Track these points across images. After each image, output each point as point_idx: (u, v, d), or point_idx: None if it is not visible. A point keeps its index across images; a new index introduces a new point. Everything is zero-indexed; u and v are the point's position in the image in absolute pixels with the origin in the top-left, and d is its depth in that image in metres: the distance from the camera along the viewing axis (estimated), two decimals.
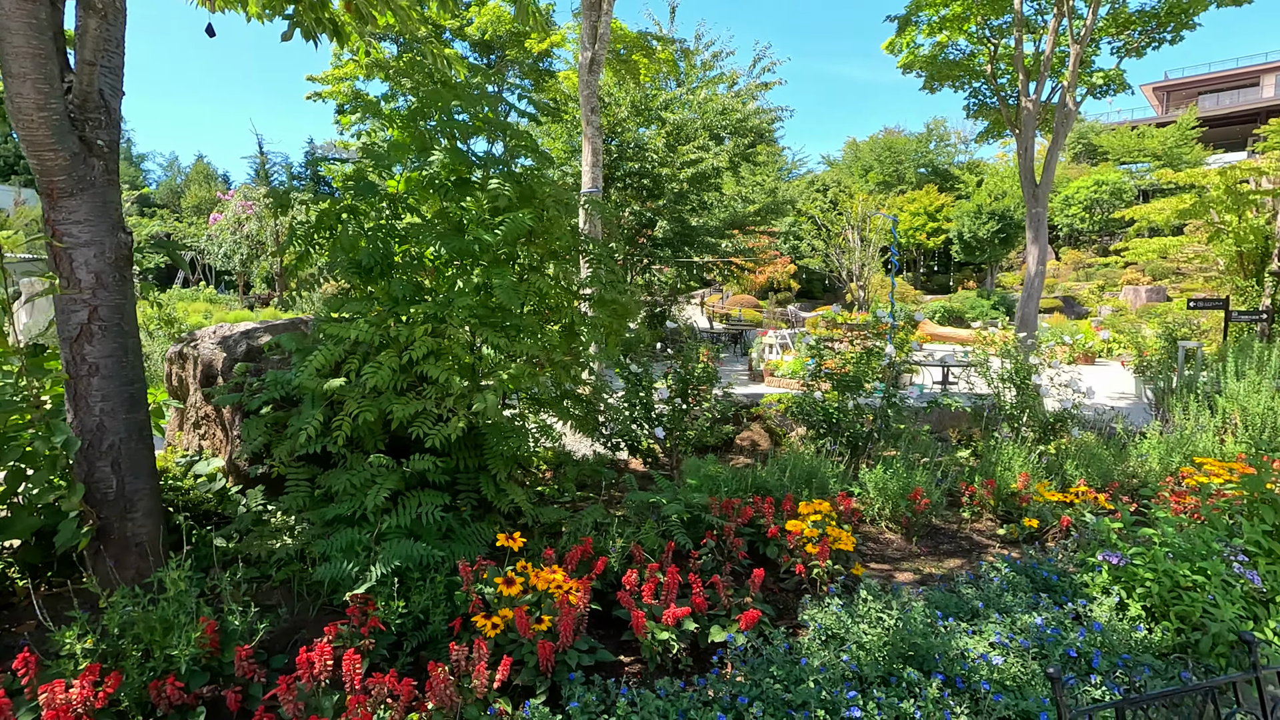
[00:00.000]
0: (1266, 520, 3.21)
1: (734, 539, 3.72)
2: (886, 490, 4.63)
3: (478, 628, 2.73)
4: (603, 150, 18.75)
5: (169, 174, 46.70)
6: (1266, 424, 5.87)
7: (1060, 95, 10.05)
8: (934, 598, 3.23)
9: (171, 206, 44.85)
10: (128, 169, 44.80)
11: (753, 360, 14.72)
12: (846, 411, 5.64)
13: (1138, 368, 13.70)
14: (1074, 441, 5.86)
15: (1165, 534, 3.15)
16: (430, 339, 3.29)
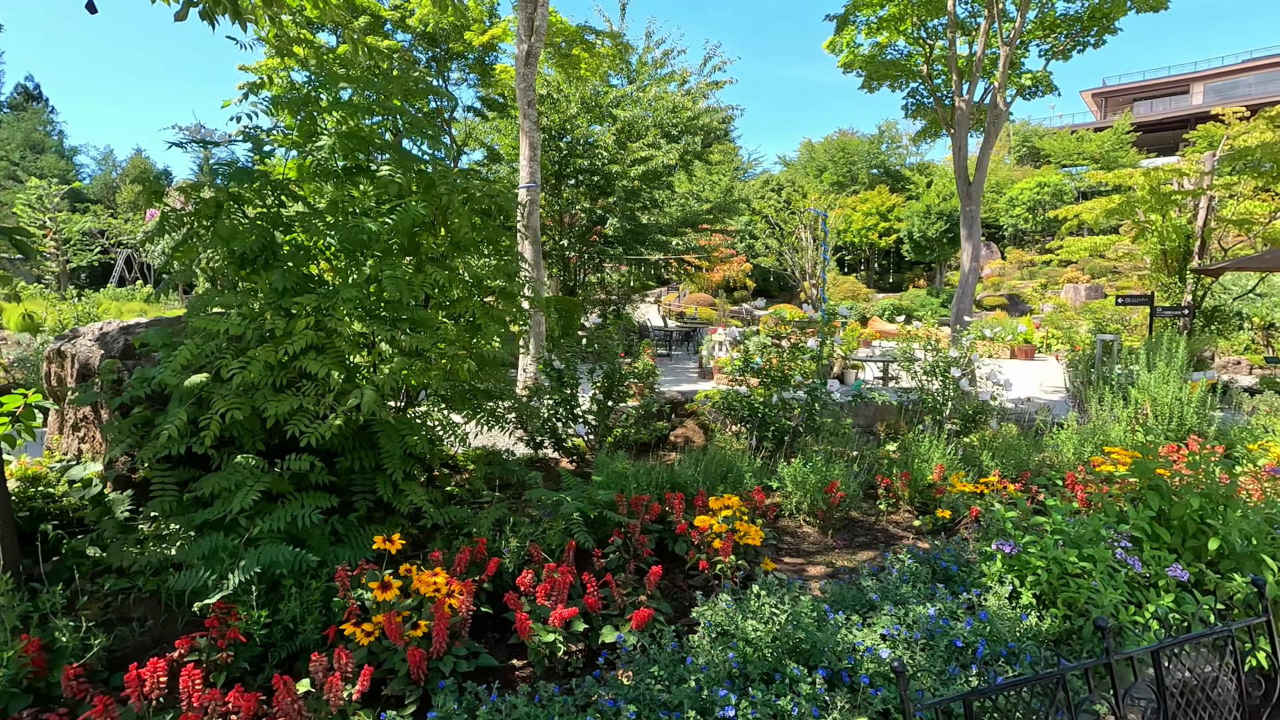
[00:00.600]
0: (1152, 506, 3.27)
1: (639, 536, 3.64)
2: (804, 484, 4.61)
3: (346, 635, 2.59)
4: (548, 146, 18.56)
5: (103, 168, 44.59)
6: (1174, 414, 6.06)
7: (991, 96, 10.28)
8: (833, 591, 3.20)
9: (106, 202, 42.85)
10: (58, 162, 42.66)
11: (702, 358, 14.72)
12: (771, 406, 5.62)
13: (1070, 362, 14.18)
14: (994, 433, 5.96)
15: (1056, 522, 3.18)
16: (312, 333, 3.12)
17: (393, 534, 3.76)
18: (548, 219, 21.07)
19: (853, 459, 5.31)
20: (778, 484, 4.77)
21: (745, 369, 5.95)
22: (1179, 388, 6.14)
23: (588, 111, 19.43)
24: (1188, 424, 6.05)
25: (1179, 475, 3.44)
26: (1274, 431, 6.20)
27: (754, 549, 3.81)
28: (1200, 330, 13.32)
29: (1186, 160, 14.04)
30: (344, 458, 3.61)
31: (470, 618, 2.80)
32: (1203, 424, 6.20)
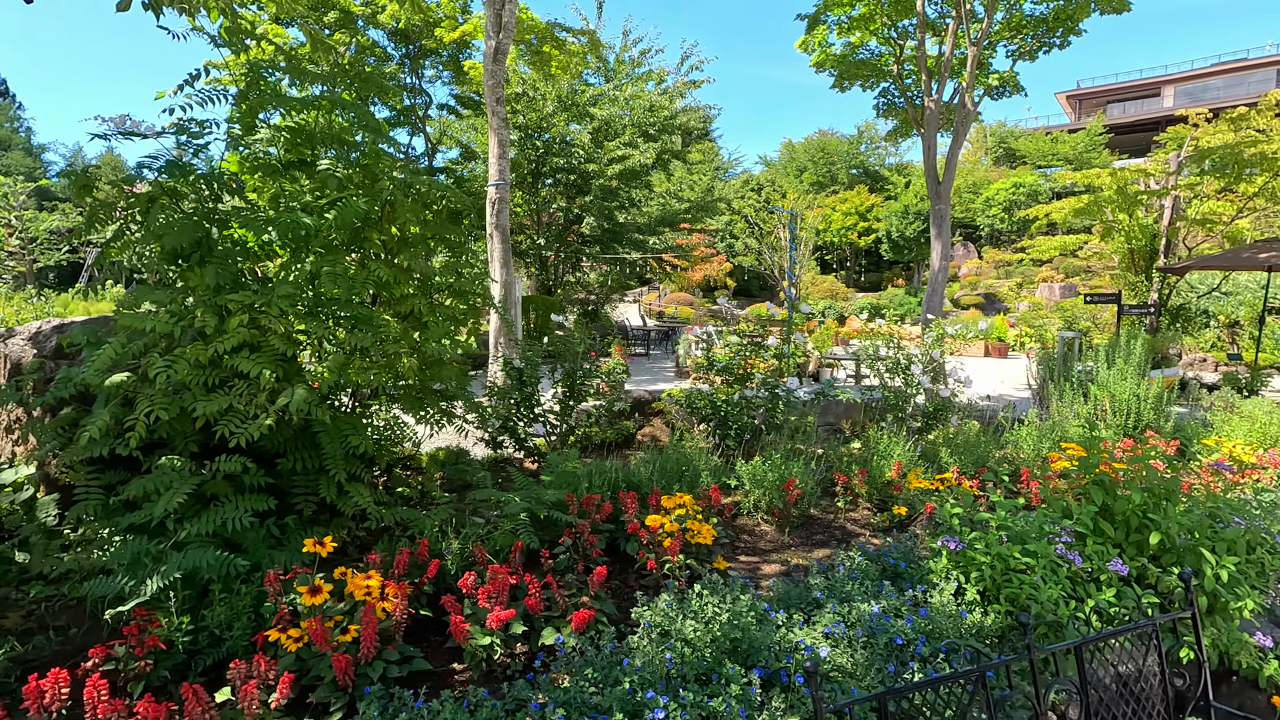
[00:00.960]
0: (1095, 501, 3.29)
1: (589, 536, 3.59)
2: (762, 482, 4.59)
3: (271, 642, 2.51)
4: (525, 144, 18.44)
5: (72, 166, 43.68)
6: (1131, 410, 6.14)
7: (960, 96, 10.36)
8: (780, 589, 3.18)
9: (75, 200, 41.99)
10: (25, 159, 41.69)
11: (679, 357, 14.70)
12: (733, 404, 5.60)
13: (1040, 359, 14.38)
14: (955, 430, 5.99)
15: (999, 518, 3.18)
16: (246, 331, 3.04)
17: (339, 535, 3.69)
18: (525, 218, 20.96)
19: (812, 457, 5.30)
20: (736, 482, 4.75)
21: (709, 367, 5.92)
22: (1136, 384, 6.22)
23: (565, 110, 19.35)
24: (1144, 420, 6.13)
25: (1122, 470, 3.46)
26: (1228, 426, 6.29)
27: (706, 548, 3.78)
28: (1166, 328, 13.54)
29: (1153, 161, 14.27)
30: (286, 459, 3.52)
31: (405, 621, 2.74)
32: (1159, 420, 6.28)
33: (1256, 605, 2.97)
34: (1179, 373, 11.14)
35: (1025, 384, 12.30)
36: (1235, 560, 3.00)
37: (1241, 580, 3.05)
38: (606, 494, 4.13)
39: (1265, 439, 5.96)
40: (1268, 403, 6.72)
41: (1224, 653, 2.96)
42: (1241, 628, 3.02)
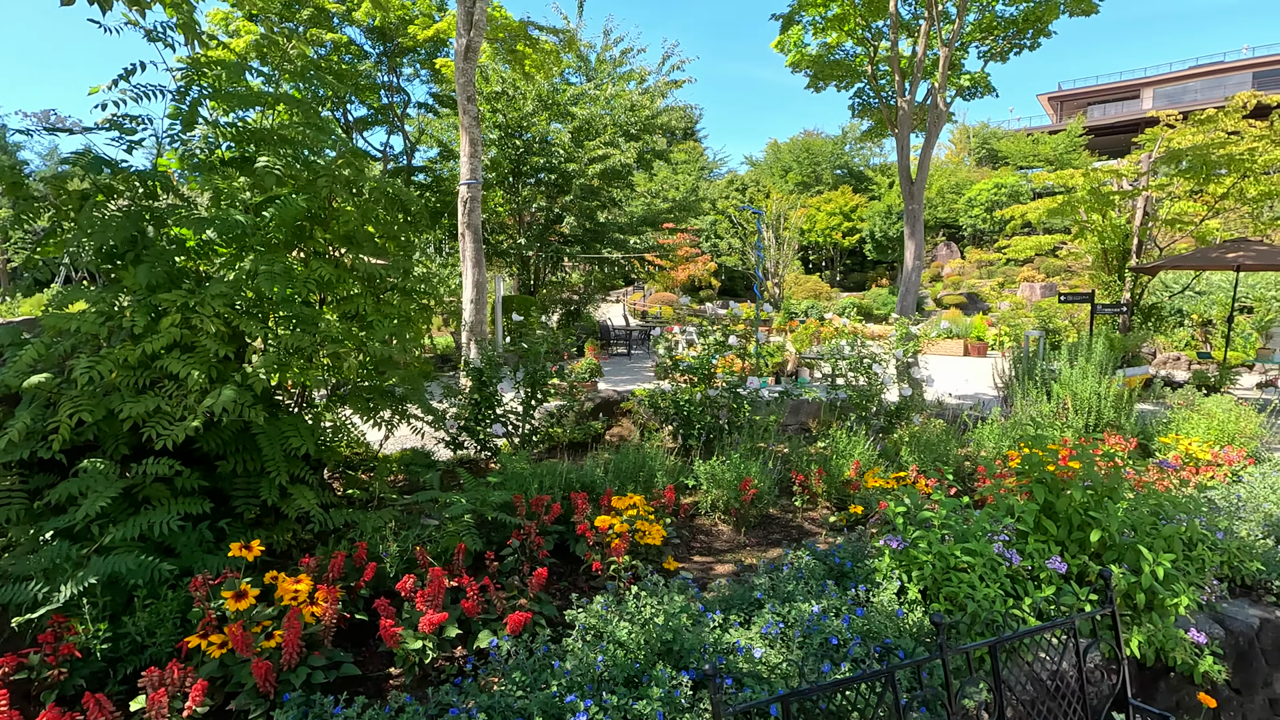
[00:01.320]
0: (1038, 499, 3.30)
1: (536, 537, 3.56)
2: (719, 481, 4.58)
3: (195, 649, 2.46)
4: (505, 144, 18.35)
5: (48, 163, 42.92)
6: (1092, 407, 6.18)
7: (932, 96, 10.42)
8: (722, 590, 3.16)
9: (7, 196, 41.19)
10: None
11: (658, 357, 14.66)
12: (695, 404, 5.59)
13: (1015, 358, 14.50)
14: (919, 429, 6.00)
15: (941, 516, 3.18)
16: (177, 330, 2.98)
17: (283, 539, 3.63)
18: (507, 217, 20.87)
19: (773, 456, 5.29)
20: (694, 482, 4.73)
21: (673, 367, 5.90)
22: (1097, 383, 6.27)
23: (546, 109, 19.28)
24: (1104, 418, 6.18)
25: (1065, 468, 3.47)
26: (1188, 424, 6.36)
27: (655, 548, 3.76)
28: (1138, 327, 13.69)
29: (1126, 162, 14.43)
30: (226, 461, 3.46)
31: (335, 625, 2.70)
32: (1120, 418, 6.34)
33: (1192, 601, 2.98)
34: (1148, 371, 11.27)
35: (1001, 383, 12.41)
36: (1171, 557, 3.02)
37: (1178, 577, 3.07)
38: (558, 495, 4.10)
39: (1222, 436, 6.03)
40: (1227, 400, 6.79)
41: (1160, 649, 2.98)
42: (1177, 624, 3.04)
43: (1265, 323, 15.40)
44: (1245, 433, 6.10)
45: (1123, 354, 11.50)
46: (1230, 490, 5.04)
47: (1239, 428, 6.09)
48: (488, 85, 18.46)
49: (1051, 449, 3.59)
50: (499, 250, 20.39)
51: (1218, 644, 3.10)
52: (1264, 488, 5.01)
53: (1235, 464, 5.45)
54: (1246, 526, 4.16)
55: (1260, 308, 17.37)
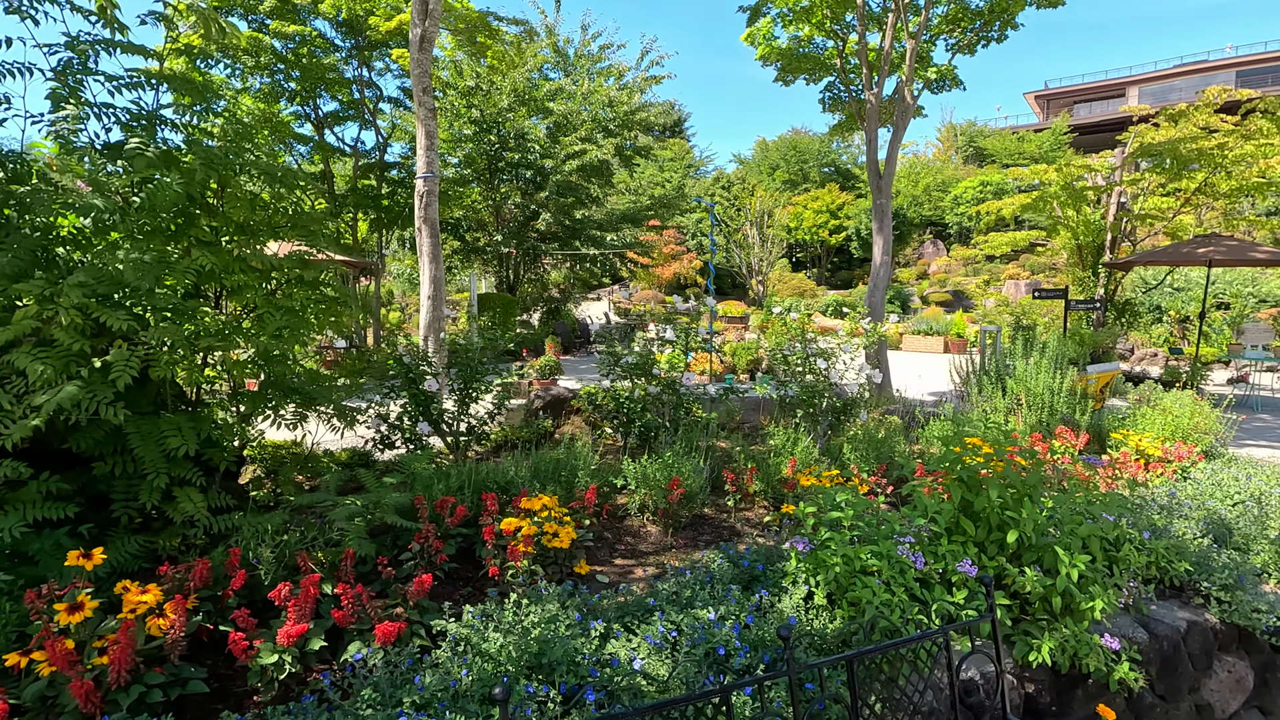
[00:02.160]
0: (955, 498, 3.14)
1: (435, 541, 3.37)
2: (648, 481, 4.41)
3: (22, 666, 2.27)
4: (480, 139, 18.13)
5: None
6: (1045, 403, 6.05)
7: (899, 89, 10.28)
8: (614, 597, 2.99)
9: None
10: None
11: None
12: (635, 401, 5.42)
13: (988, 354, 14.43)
14: (869, 425, 5.86)
15: (849, 516, 3.02)
16: (32, 322, 2.79)
17: (171, 544, 3.44)
18: (486, 214, 20.66)
19: (713, 454, 5.13)
20: (623, 481, 4.56)
21: (614, 363, 5.73)
22: (1050, 378, 6.14)
23: (523, 104, 19.07)
24: (1058, 414, 6.05)
25: (986, 465, 3.32)
26: (1145, 420, 6.24)
27: (564, 552, 3.58)
28: (1113, 323, 13.63)
29: (1099, 158, 14.36)
30: (104, 462, 3.27)
31: (184, 639, 2.51)
32: (1076, 413, 6.21)
33: (1108, 605, 2.84)
34: (1118, 367, 11.18)
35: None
36: (1087, 559, 2.87)
37: (1095, 579, 2.92)
38: (468, 496, 3.92)
39: (1177, 432, 5.91)
40: (1187, 396, 6.68)
41: (1074, 656, 2.83)
42: (1093, 629, 2.89)
43: (1234, 319, 15.38)
44: (1200, 428, 5.99)
45: (1092, 350, 11.41)
46: (1177, 486, 4.92)
47: (1194, 423, 5.98)
48: (462, 80, 18.24)
49: (973, 444, 3.44)
50: (475, 248, 20.18)
51: (1136, 649, 2.95)
52: (1210, 484, 4.88)
53: (1185, 460, 5.33)
54: (1186, 525, 4.02)
55: (1236, 304, 17.36)
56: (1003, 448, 3.26)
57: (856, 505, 3.09)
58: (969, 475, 3.22)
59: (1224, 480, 4.98)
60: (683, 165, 46.72)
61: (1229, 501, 4.64)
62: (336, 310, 3.87)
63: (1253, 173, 12.16)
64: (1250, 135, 11.21)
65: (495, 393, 5.33)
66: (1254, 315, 16.12)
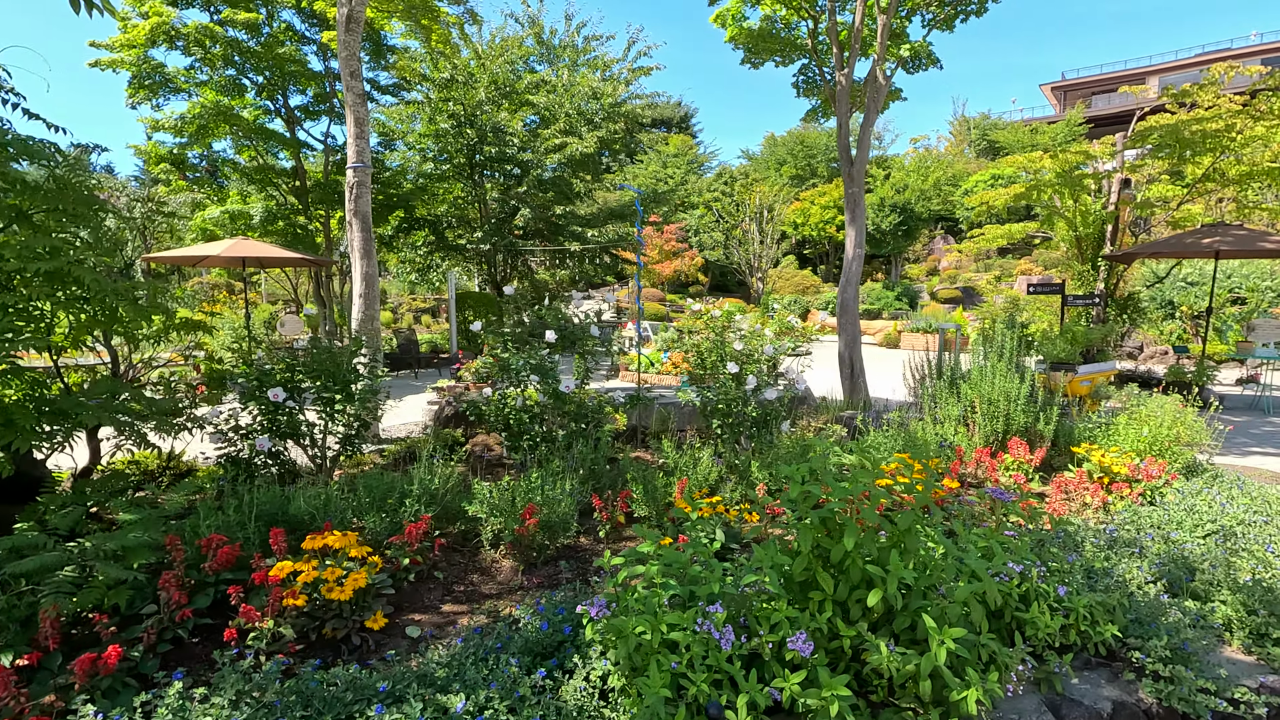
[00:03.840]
0: (804, 544, 2.45)
1: (176, 593, 2.75)
2: (499, 508, 3.76)
3: None
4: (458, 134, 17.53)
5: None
6: (999, 411, 5.31)
7: (871, 68, 9.52)
8: (345, 676, 2.34)
9: None
10: None
11: (613, 355, 13.86)
12: (519, 410, 4.77)
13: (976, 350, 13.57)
14: (797, 438, 5.16)
15: (650, 573, 2.34)
16: None
17: None
18: (468, 210, 20.12)
19: (608, 472, 4.46)
20: (474, 507, 3.92)
21: (503, 371, 5.08)
22: (1007, 382, 5.39)
23: (504, 96, 18.49)
24: (1014, 423, 5.31)
25: (892, 494, 2.62)
26: (1119, 430, 5.47)
27: (351, 603, 2.94)
28: (1114, 319, 12.74)
29: (1101, 144, 13.45)
30: None
31: None
32: (1039, 422, 5.46)
33: (983, 696, 2.14)
34: (1114, 368, 10.34)
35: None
36: (960, 633, 2.17)
37: (969, 658, 2.23)
38: (252, 531, 3.29)
39: (1153, 444, 5.14)
40: (1171, 402, 5.89)
41: None
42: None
43: (1246, 314, 14.38)
44: (1181, 440, 5.21)
45: (1086, 348, 10.57)
46: (1141, 512, 4.18)
47: (1174, 434, 5.20)
48: (437, 71, 17.70)
49: (865, 468, 2.74)
50: (455, 246, 19.64)
51: None
52: (1181, 510, 4.13)
53: (1157, 479, 4.58)
54: (1136, 566, 3.30)
55: (1253, 298, 16.32)
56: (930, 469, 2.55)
57: (669, 557, 2.41)
58: (828, 514, 2.53)
59: (1198, 505, 4.23)
60: (685, 161, 46.02)
61: (1199, 533, 3.90)
62: (115, 316, 3.26)
63: (1265, 157, 11.22)
64: (1260, 116, 10.29)
65: (361, 404, 4.70)
66: (1268, 310, 15.09)
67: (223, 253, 12.42)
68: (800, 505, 2.47)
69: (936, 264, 38.27)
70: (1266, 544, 3.67)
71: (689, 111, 57.16)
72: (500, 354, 4.93)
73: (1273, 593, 3.05)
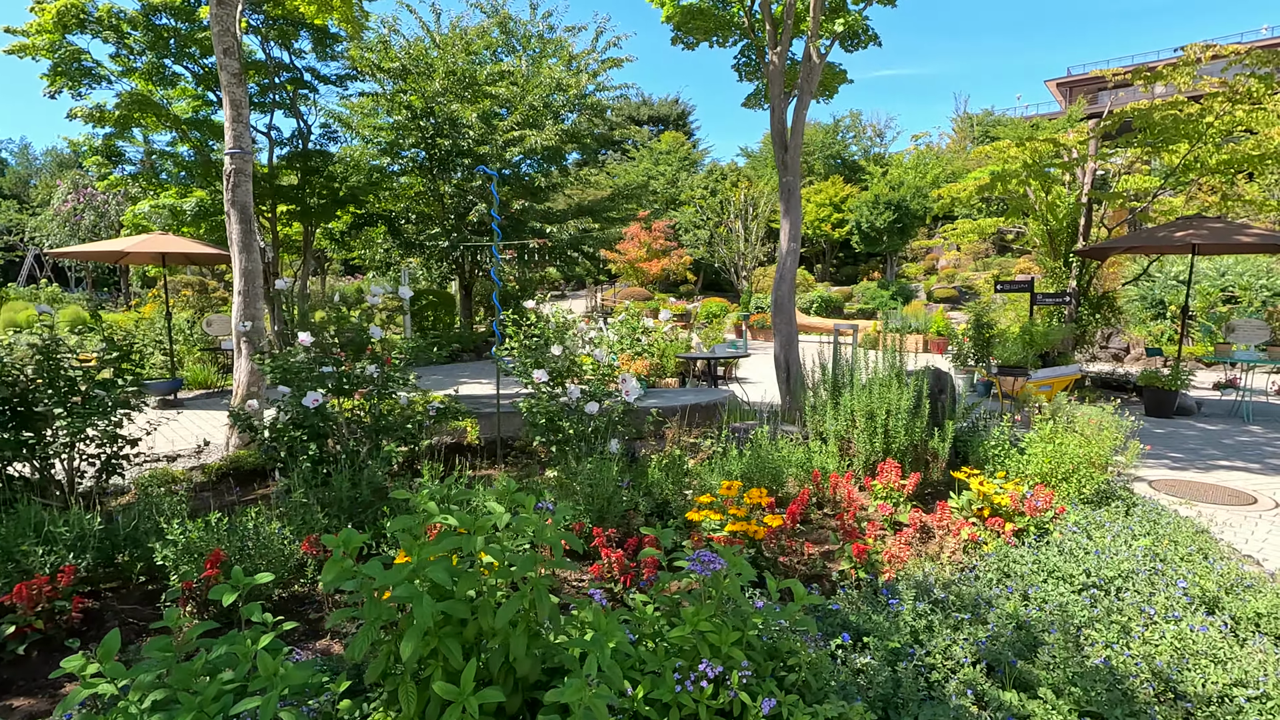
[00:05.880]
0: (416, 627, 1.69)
1: None
2: (193, 552, 3.04)
3: None
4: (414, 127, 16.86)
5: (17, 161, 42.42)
6: (880, 425, 4.52)
7: (805, 46, 8.73)
8: None
9: (21, 197, 40.80)
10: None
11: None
12: (327, 418, 4.05)
13: (955, 355, 12.70)
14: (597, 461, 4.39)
15: (147, 672, 1.60)
16: None
17: None
18: (427, 206, 19.47)
19: (339, 506, 3.72)
20: (162, 551, 3.19)
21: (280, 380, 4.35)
22: (890, 394, 4.60)
23: (465, 88, 17.81)
24: (896, 440, 4.51)
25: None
26: (1031, 448, 4.67)
27: None
28: (1087, 318, 11.86)
29: (1076, 132, 12.58)
30: None
31: None
32: (934, 439, 4.67)
33: None
34: (1076, 371, 9.49)
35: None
36: None
37: None
38: None
39: (1057, 469, 4.34)
40: (1107, 413, 5.07)
41: None
42: None
43: (1226, 314, 13.44)
44: (1095, 461, 4.41)
45: (1045, 350, 9.73)
46: (1011, 557, 3.39)
47: (1088, 454, 4.40)
48: (387, 60, 17.05)
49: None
50: (413, 243, 18.98)
51: None
52: (1057, 556, 3.34)
53: (1044, 512, 3.78)
54: (965, 637, 2.52)
55: (1246, 297, 15.35)
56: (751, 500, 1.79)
57: (157, 650, 1.68)
58: (435, 585, 1.78)
59: (1091, 545, 3.44)
60: (678, 158, 45.22)
61: (1074, 585, 3.11)
62: None
63: (1247, 145, 10.33)
64: (1238, 99, 9.41)
65: (109, 422, 3.99)
66: (1261, 310, 14.13)
67: (135, 247, 11.82)
68: (362, 587, 1.71)
69: (934, 263, 37.43)
70: (1145, 603, 2.88)
71: (685, 109, 56.36)
72: (268, 364, 4.20)
73: (1120, 687, 2.27)
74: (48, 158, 40.53)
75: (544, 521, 1.81)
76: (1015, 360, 8.72)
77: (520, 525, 1.84)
